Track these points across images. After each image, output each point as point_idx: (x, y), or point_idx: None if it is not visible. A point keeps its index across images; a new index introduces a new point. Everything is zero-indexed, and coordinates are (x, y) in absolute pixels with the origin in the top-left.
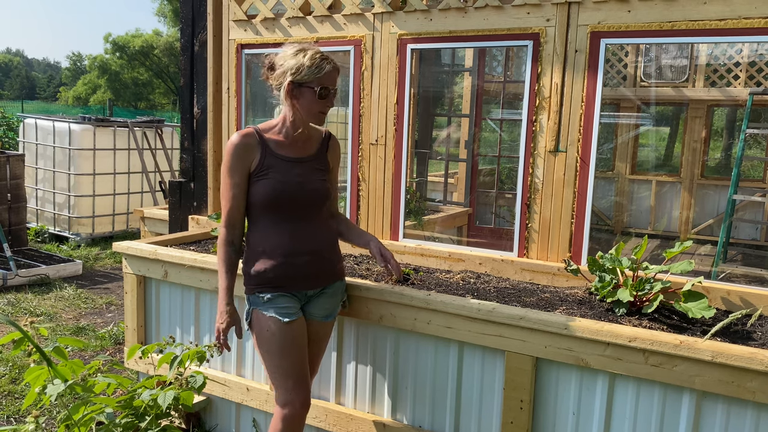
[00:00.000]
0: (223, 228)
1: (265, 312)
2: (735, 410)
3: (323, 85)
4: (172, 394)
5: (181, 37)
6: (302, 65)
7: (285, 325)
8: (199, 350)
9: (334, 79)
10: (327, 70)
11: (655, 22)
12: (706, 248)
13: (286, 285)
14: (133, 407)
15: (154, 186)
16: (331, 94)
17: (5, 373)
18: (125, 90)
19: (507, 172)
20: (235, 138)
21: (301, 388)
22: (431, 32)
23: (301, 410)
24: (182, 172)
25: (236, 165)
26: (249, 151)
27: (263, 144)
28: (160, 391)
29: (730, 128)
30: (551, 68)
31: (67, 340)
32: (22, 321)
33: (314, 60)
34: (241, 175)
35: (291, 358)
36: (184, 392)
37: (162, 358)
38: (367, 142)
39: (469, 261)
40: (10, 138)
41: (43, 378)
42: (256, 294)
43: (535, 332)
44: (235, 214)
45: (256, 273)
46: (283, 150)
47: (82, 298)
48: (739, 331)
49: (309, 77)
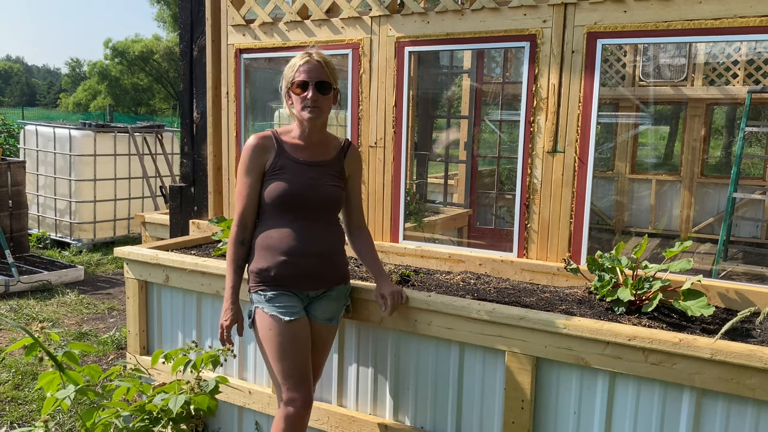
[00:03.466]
0: (235, 227)
1: (267, 310)
2: (735, 407)
3: (298, 79)
4: (183, 398)
5: (180, 42)
6: (286, 71)
7: (286, 324)
8: (213, 354)
9: (312, 71)
10: (300, 65)
11: (651, 22)
12: (706, 246)
13: (287, 284)
14: (147, 411)
15: (154, 191)
16: (312, 87)
17: (8, 379)
18: (125, 95)
19: (507, 172)
20: (252, 140)
21: (302, 387)
22: (429, 35)
23: (303, 410)
24: (182, 176)
25: (252, 166)
26: (264, 153)
27: (279, 146)
28: (172, 396)
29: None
30: (548, 69)
31: (77, 345)
32: (32, 327)
33: (293, 60)
34: (256, 175)
35: (292, 357)
36: (197, 396)
37: (175, 363)
38: (366, 145)
39: (469, 262)
40: (11, 145)
41: (56, 383)
42: (258, 292)
43: (535, 332)
44: (248, 214)
45: (259, 271)
46: (298, 153)
47: (84, 303)
48: (738, 329)
49: (290, 77)
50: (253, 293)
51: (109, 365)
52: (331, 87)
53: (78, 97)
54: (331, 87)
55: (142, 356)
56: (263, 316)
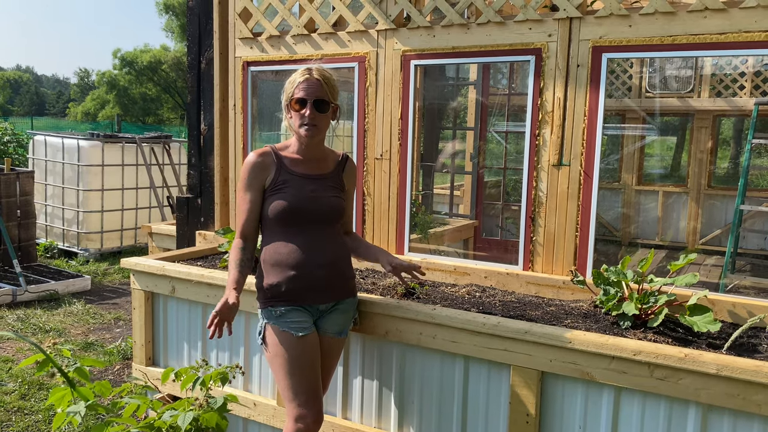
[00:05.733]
0: (237, 239)
1: (278, 326)
2: (741, 423)
3: (297, 96)
4: (192, 415)
5: (188, 54)
6: (286, 85)
7: (298, 340)
8: (222, 371)
9: (311, 89)
10: (299, 82)
11: (657, 36)
12: (713, 259)
13: (298, 299)
14: (155, 429)
15: (162, 201)
16: (309, 104)
17: (15, 389)
18: (133, 105)
19: (513, 184)
20: (251, 156)
21: (313, 404)
22: (434, 48)
23: (313, 426)
24: (189, 188)
25: (251, 182)
26: (264, 169)
27: (279, 161)
28: (181, 413)
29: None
30: (554, 83)
31: (87, 361)
32: (45, 342)
33: (294, 76)
34: (256, 191)
35: (303, 373)
36: (206, 413)
37: (185, 380)
38: (372, 157)
39: (474, 274)
40: (20, 154)
41: (67, 399)
42: (268, 308)
43: (540, 346)
44: (249, 227)
45: (269, 287)
46: (298, 167)
47: (91, 313)
48: (745, 344)
49: (289, 92)
50: (263, 309)
51: (115, 375)
52: (329, 104)
53: (86, 106)
54: (329, 104)
55: (147, 367)
56: (274, 332)
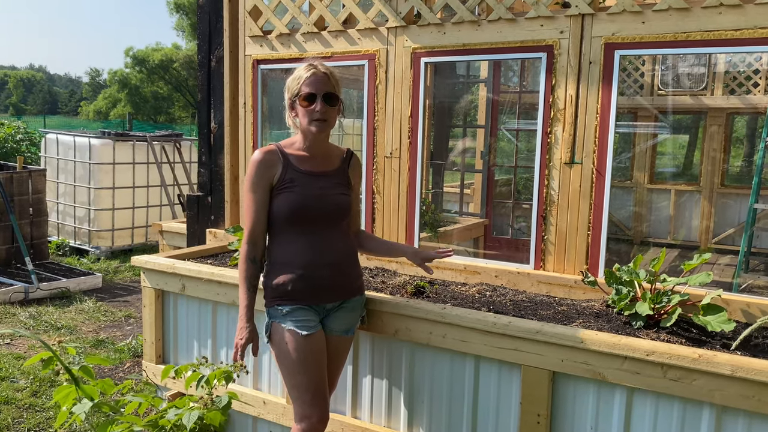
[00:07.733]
0: (245, 245)
1: (284, 325)
2: (757, 425)
3: (305, 91)
4: (197, 413)
5: (198, 53)
6: (290, 82)
7: (303, 338)
8: (226, 370)
9: (319, 83)
10: (306, 77)
11: (670, 33)
12: (727, 258)
13: (304, 298)
14: (160, 426)
15: (172, 199)
16: (320, 99)
17: (27, 386)
18: (145, 104)
19: (524, 182)
20: (257, 155)
21: (319, 403)
22: (445, 45)
23: (318, 425)
24: (200, 186)
25: (258, 181)
26: (270, 167)
27: (285, 159)
28: (185, 411)
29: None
30: (565, 80)
31: (93, 359)
32: (51, 340)
33: (298, 72)
34: (263, 190)
35: (309, 372)
36: (210, 412)
37: (189, 378)
38: (382, 155)
39: (484, 273)
40: (33, 153)
41: (72, 397)
42: (275, 307)
43: (551, 346)
44: (258, 230)
45: (276, 285)
46: (304, 165)
47: (102, 311)
48: (760, 345)
49: (295, 89)
50: (269, 308)
51: (125, 373)
52: (338, 98)
53: (98, 105)
54: (337, 98)
55: (157, 365)
56: (280, 330)
